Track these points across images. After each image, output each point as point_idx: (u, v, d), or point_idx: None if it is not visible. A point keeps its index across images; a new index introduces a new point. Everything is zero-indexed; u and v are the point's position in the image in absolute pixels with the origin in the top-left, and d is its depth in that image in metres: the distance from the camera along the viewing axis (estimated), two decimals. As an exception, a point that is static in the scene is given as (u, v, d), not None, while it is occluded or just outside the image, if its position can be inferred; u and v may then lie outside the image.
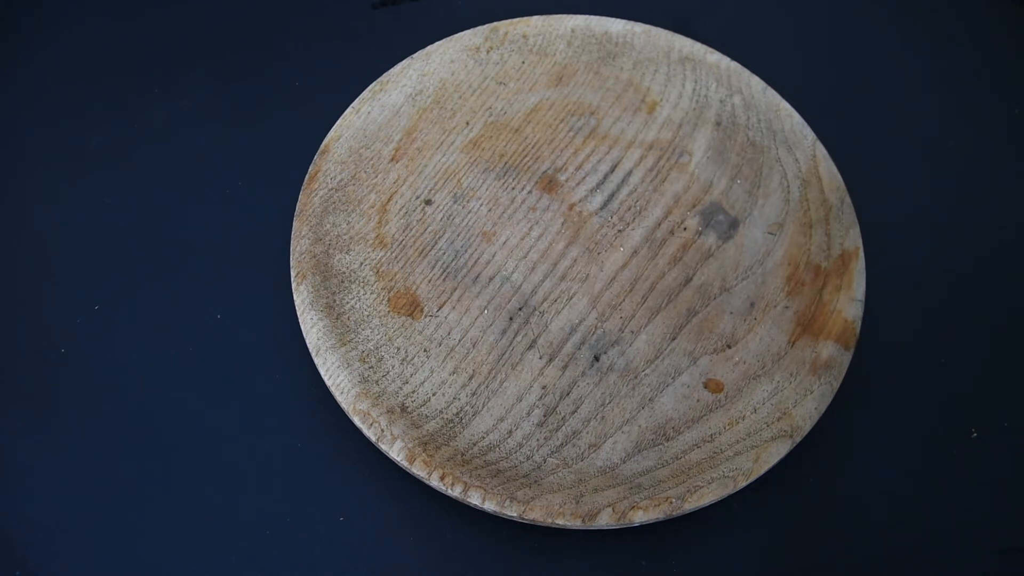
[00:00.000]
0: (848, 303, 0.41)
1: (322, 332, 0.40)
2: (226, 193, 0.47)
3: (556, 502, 0.36)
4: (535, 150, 0.47)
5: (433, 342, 0.41)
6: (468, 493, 0.36)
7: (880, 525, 0.39)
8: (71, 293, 0.44)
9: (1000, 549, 0.38)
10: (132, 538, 0.38)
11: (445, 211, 0.45)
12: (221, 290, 0.44)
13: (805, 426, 0.38)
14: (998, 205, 0.48)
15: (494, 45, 0.50)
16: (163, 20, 0.54)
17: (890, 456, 0.40)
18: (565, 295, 0.42)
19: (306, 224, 0.43)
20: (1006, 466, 0.40)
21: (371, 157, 0.46)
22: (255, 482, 0.39)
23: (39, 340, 0.43)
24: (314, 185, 0.44)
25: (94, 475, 0.39)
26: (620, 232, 0.44)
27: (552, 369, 0.41)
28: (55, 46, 0.53)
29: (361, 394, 0.39)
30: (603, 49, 0.50)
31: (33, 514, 0.38)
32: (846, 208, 0.44)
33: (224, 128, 0.50)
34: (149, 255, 0.45)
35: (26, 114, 0.50)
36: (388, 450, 0.37)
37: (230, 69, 0.52)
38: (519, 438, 0.39)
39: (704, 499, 0.36)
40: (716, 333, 0.42)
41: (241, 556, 0.38)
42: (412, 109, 0.48)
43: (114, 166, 0.48)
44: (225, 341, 0.43)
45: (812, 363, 0.40)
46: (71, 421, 0.41)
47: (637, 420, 0.39)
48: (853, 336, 0.41)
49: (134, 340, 0.43)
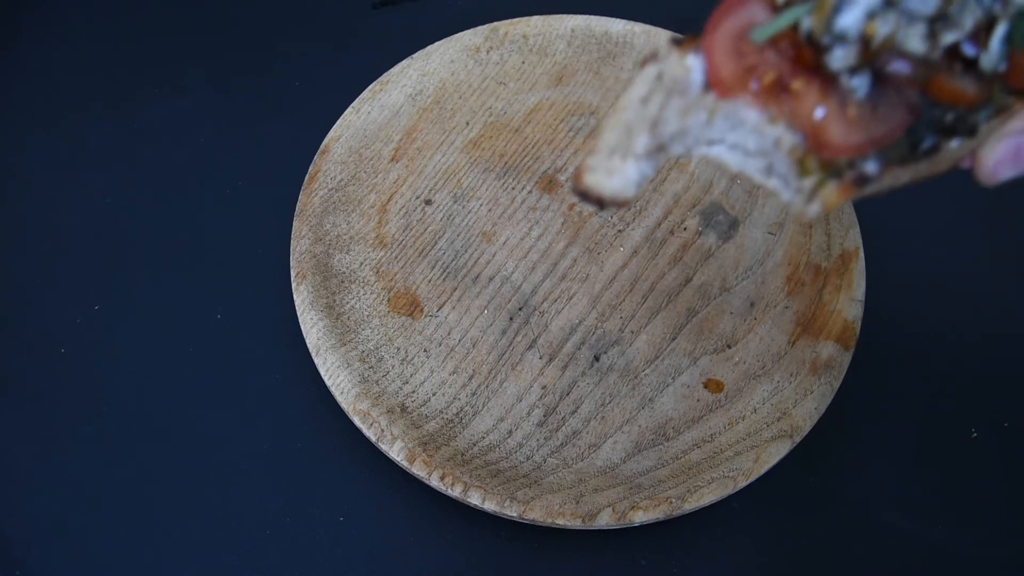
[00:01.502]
0: (848, 303, 0.41)
1: (322, 332, 0.40)
2: (226, 193, 0.47)
3: (556, 502, 0.36)
4: (535, 150, 0.47)
5: (433, 342, 0.41)
6: (468, 493, 0.36)
7: (880, 525, 0.39)
8: (71, 293, 0.44)
9: (1000, 549, 0.38)
10: (132, 538, 0.38)
11: (445, 211, 0.45)
12: (221, 290, 0.44)
13: (805, 426, 0.38)
14: (998, 205, 0.47)
15: (494, 45, 0.50)
16: (163, 20, 0.54)
17: (890, 456, 0.40)
18: (565, 295, 0.42)
19: (306, 224, 0.43)
20: (1006, 466, 0.40)
21: (371, 157, 0.46)
22: (255, 482, 0.39)
23: (39, 340, 0.43)
24: (314, 185, 0.44)
25: (94, 475, 0.39)
26: (620, 232, 0.44)
27: (552, 369, 0.41)
28: (55, 47, 0.53)
29: (361, 394, 0.39)
30: (603, 49, 0.50)
31: (33, 514, 0.38)
32: (846, 208, 0.44)
33: (224, 128, 0.50)
34: (149, 255, 0.45)
35: (26, 114, 0.50)
36: (388, 450, 0.37)
37: (230, 69, 0.52)
38: (519, 438, 0.39)
39: (704, 499, 0.36)
40: (716, 333, 0.42)
41: (241, 556, 0.38)
42: (412, 109, 0.48)
43: (114, 166, 0.48)
44: (225, 341, 0.43)
45: (812, 363, 0.40)
46: (71, 421, 0.41)
47: (637, 420, 0.39)
48: (853, 336, 0.41)
49: (134, 340, 0.43)
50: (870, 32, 0.22)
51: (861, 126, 0.22)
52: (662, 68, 0.24)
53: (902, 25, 0.22)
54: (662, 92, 0.24)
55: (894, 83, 0.23)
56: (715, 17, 0.24)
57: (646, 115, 0.24)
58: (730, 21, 0.23)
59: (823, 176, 0.23)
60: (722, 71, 0.23)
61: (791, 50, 0.23)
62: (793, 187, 0.24)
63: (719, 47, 0.23)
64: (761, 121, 0.23)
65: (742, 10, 0.23)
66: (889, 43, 0.22)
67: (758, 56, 0.23)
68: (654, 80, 0.24)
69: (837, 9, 0.22)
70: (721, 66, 0.23)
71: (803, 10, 0.22)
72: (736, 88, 0.23)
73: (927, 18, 0.22)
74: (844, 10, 0.22)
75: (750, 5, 0.23)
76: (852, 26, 0.22)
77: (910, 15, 0.22)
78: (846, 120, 0.22)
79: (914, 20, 0.22)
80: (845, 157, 0.23)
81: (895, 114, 0.23)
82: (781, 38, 0.23)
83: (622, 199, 0.24)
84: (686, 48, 0.24)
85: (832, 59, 0.22)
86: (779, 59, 0.23)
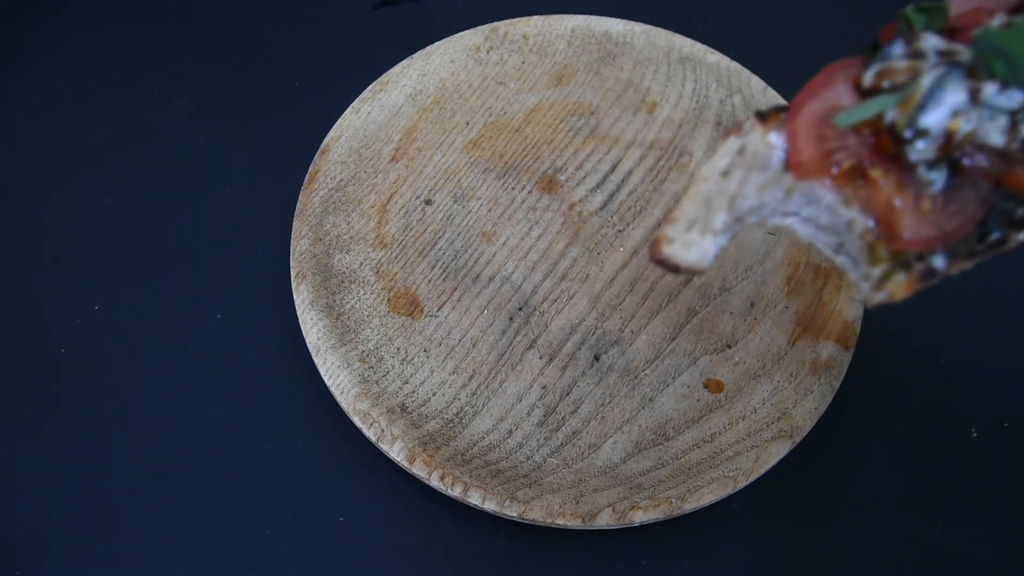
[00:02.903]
0: (848, 303, 0.41)
1: (322, 332, 0.40)
2: (226, 193, 0.47)
3: (556, 502, 0.36)
4: (535, 150, 0.47)
5: (433, 342, 0.41)
6: (468, 493, 0.36)
7: (880, 525, 0.39)
8: (71, 293, 0.44)
9: (1000, 549, 0.38)
10: (132, 538, 0.38)
11: (445, 211, 0.45)
12: (221, 290, 0.44)
13: (805, 426, 0.38)
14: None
15: (494, 45, 0.50)
16: (163, 21, 0.54)
17: (890, 456, 0.40)
18: (565, 295, 0.42)
19: (306, 224, 0.43)
20: (1006, 466, 0.40)
21: (371, 157, 0.46)
22: (255, 482, 0.39)
23: (39, 340, 0.43)
24: (314, 185, 0.44)
25: (94, 475, 0.39)
26: (620, 232, 0.44)
27: (552, 369, 0.41)
28: (56, 47, 0.53)
29: (361, 394, 0.39)
30: (603, 49, 0.50)
31: (33, 514, 0.38)
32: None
33: (224, 128, 0.50)
34: (149, 255, 0.45)
35: (26, 114, 0.50)
36: (388, 450, 0.37)
37: (230, 69, 0.52)
38: (519, 438, 0.39)
39: (704, 499, 0.36)
40: (716, 333, 0.42)
41: (241, 556, 0.38)
42: (412, 109, 0.48)
43: (114, 166, 0.48)
44: (225, 341, 0.43)
45: (812, 363, 0.40)
46: (71, 421, 0.41)
47: (637, 420, 0.39)
48: (853, 336, 0.41)
49: (134, 340, 0.43)
50: (953, 129, 0.22)
51: (933, 220, 0.23)
52: (745, 142, 0.24)
53: (984, 119, 0.23)
54: (743, 167, 0.24)
55: (969, 175, 0.23)
56: (801, 97, 0.24)
57: (726, 190, 0.24)
58: (815, 104, 0.24)
59: (891, 266, 0.23)
60: (803, 155, 0.23)
61: (872, 137, 0.23)
62: (862, 271, 0.24)
63: (802, 130, 0.23)
64: (836, 202, 0.24)
65: (827, 92, 0.24)
66: (970, 138, 0.23)
67: (839, 141, 0.23)
68: (736, 154, 0.24)
69: (923, 106, 0.22)
70: (802, 150, 0.23)
71: (890, 101, 0.22)
72: (815, 173, 0.23)
73: (1010, 111, 0.23)
74: (930, 107, 0.22)
75: (836, 87, 0.24)
76: (936, 124, 0.22)
77: (993, 109, 0.23)
78: (920, 213, 0.23)
79: (997, 114, 0.23)
80: (915, 250, 0.23)
81: (968, 208, 0.23)
82: (864, 125, 0.23)
83: (699, 269, 0.25)
84: (770, 124, 0.24)
85: (912, 151, 0.22)
86: (859, 145, 0.23)
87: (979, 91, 0.23)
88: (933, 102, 0.22)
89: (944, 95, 0.23)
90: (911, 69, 0.23)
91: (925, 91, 0.23)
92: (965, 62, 0.23)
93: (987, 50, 0.23)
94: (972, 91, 0.23)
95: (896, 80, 0.23)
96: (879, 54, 0.24)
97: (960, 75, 0.23)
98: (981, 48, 0.23)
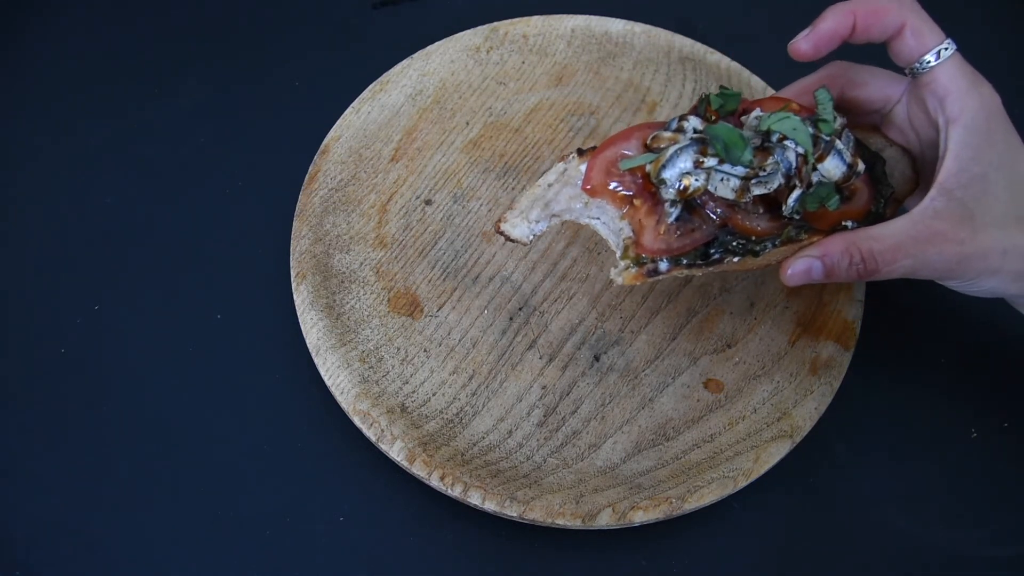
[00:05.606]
0: (848, 303, 0.41)
1: (322, 332, 0.40)
2: (226, 193, 0.47)
3: (556, 502, 0.36)
4: (535, 150, 0.47)
5: (433, 342, 0.41)
6: (468, 493, 0.36)
7: (879, 525, 0.39)
8: (71, 293, 0.44)
9: (1000, 549, 0.38)
10: (132, 538, 0.38)
11: (445, 211, 0.45)
12: (221, 290, 0.44)
13: (805, 426, 0.38)
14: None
15: (494, 45, 0.50)
16: (164, 21, 0.54)
17: (890, 456, 0.40)
18: (565, 295, 0.42)
19: (306, 224, 0.43)
20: (1006, 466, 0.40)
21: (371, 157, 0.46)
22: (255, 482, 0.39)
23: (39, 340, 0.43)
24: (314, 185, 0.44)
25: (94, 475, 0.39)
26: (620, 232, 0.44)
27: (552, 369, 0.41)
28: (56, 47, 0.53)
29: (361, 394, 0.39)
30: (603, 49, 0.50)
31: (33, 514, 0.38)
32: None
33: (224, 128, 0.50)
34: (149, 255, 0.45)
35: (27, 114, 0.50)
36: (388, 450, 0.37)
37: (230, 69, 0.52)
38: (519, 438, 0.39)
39: (704, 499, 0.36)
40: (716, 333, 0.42)
41: (241, 556, 0.38)
42: (412, 109, 0.48)
43: (114, 166, 0.48)
44: (225, 341, 0.43)
45: (812, 363, 0.40)
46: (71, 421, 0.41)
47: (637, 420, 0.39)
48: (853, 336, 0.41)
49: (134, 340, 0.43)
50: (687, 183, 0.33)
51: (665, 239, 0.34)
52: (567, 167, 0.36)
53: (716, 180, 0.33)
54: (561, 182, 0.36)
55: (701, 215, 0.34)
56: (605, 143, 0.35)
57: (546, 196, 0.36)
58: (611, 150, 0.35)
59: (631, 262, 0.34)
60: (592, 182, 0.35)
61: (640, 179, 0.34)
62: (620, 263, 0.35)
63: (597, 166, 0.35)
64: (615, 215, 0.35)
65: (624, 143, 0.35)
66: (699, 191, 0.33)
67: (620, 177, 0.35)
68: (560, 173, 0.36)
69: (664, 165, 0.33)
70: (593, 179, 0.35)
71: (649, 158, 0.34)
72: (599, 194, 0.35)
73: (741, 177, 0.33)
74: (668, 167, 0.33)
75: (631, 141, 0.35)
76: (670, 177, 0.33)
77: (726, 174, 0.33)
78: (657, 233, 0.34)
79: (729, 177, 0.33)
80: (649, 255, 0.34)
81: (693, 236, 0.34)
82: (635, 169, 0.34)
83: (524, 243, 0.36)
84: (584, 158, 0.35)
85: (663, 192, 0.33)
86: (632, 182, 0.34)
87: (702, 162, 0.33)
88: (671, 163, 0.33)
89: (678, 160, 0.33)
90: (671, 139, 0.34)
91: (668, 156, 0.33)
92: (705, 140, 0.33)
93: (711, 137, 0.33)
94: (696, 161, 0.33)
95: (659, 145, 0.34)
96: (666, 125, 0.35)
97: (695, 149, 0.33)
98: (707, 135, 0.33)
